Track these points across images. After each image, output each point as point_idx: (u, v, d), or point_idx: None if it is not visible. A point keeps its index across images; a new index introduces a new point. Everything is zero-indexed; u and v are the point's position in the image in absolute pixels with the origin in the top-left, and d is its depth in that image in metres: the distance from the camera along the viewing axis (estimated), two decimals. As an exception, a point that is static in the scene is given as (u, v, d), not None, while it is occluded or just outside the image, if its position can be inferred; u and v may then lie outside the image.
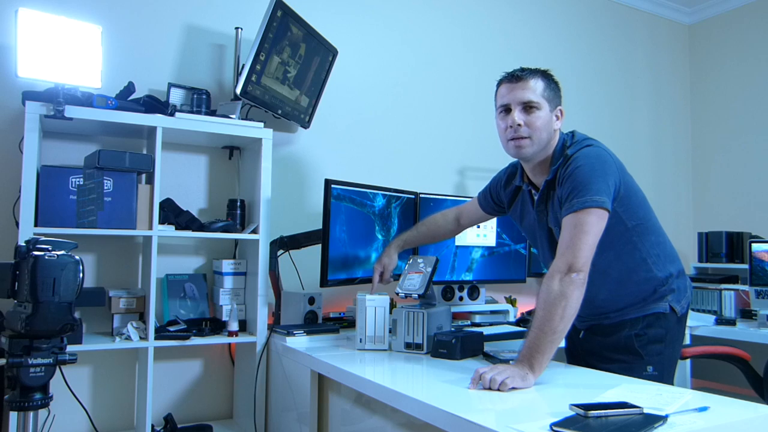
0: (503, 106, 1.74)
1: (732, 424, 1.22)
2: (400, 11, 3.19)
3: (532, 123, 1.69)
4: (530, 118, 1.69)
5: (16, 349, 1.28)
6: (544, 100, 1.70)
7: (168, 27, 2.56)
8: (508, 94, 1.73)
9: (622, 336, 1.76)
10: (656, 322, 1.75)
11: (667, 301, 1.76)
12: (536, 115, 1.69)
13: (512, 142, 1.72)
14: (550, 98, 1.72)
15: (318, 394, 2.02)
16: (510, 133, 1.71)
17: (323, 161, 2.90)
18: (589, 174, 1.60)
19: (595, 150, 1.68)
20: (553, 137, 1.74)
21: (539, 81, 1.71)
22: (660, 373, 1.73)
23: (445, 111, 3.31)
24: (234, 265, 2.47)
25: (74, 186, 2.07)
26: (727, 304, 3.42)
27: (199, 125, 2.28)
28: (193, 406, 2.52)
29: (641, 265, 1.73)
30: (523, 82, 1.70)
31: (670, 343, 1.77)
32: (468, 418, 1.21)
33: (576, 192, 1.58)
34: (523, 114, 1.70)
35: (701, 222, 4.20)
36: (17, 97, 2.14)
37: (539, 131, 1.69)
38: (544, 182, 1.74)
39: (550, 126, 1.72)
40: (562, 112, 1.77)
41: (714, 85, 4.25)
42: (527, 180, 1.85)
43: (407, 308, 1.96)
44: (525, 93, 1.69)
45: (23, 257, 1.27)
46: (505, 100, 1.73)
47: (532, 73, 1.72)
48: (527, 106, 1.70)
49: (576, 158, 1.65)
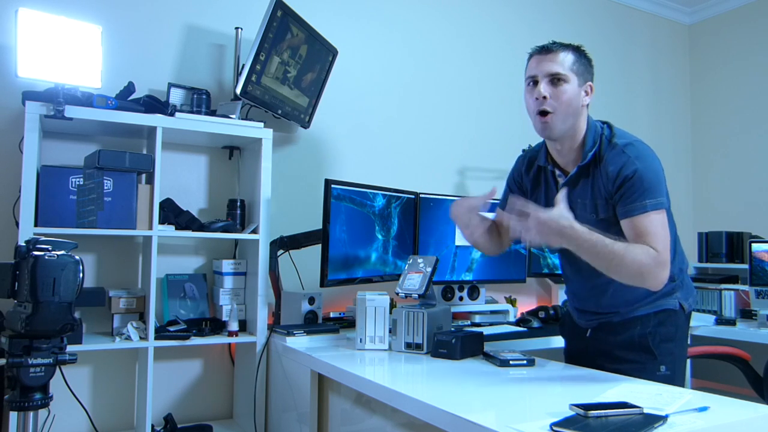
0: (531, 77, 1.69)
1: (732, 424, 1.22)
2: (400, 11, 3.18)
3: (559, 96, 1.64)
4: (557, 91, 1.64)
5: (16, 349, 1.28)
6: (572, 74, 1.65)
7: (168, 27, 2.56)
8: (536, 66, 1.67)
9: (634, 334, 1.72)
10: (667, 319, 1.73)
11: (676, 298, 1.75)
12: (563, 88, 1.64)
13: (539, 117, 1.66)
14: (580, 72, 1.67)
15: (318, 394, 2.02)
16: (536, 105, 1.66)
17: (323, 161, 2.89)
18: (655, 175, 1.62)
19: (647, 149, 1.67)
20: (581, 114, 1.69)
21: (569, 54, 1.67)
22: (672, 373, 1.70)
23: (445, 111, 3.31)
24: (234, 265, 2.47)
25: (74, 186, 2.07)
26: (727, 304, 3.42)
27: (199, 125, 2.28)
28: (193, 406, 2.52)
29: None
30: (552, 54, 1.65)
31: (680, 341, 1.76)
32: (468, 418, 1.21)
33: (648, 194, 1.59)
34: (550, 86, 1.65)
35: (701, 222, 4.20)
36: (17, 97, 2.14)
37: (565, 105, 1.64)
38: (578, 167, 1.69)
39: (578, 101, 1.67)
40: (592, 88, 1.71)
41: (714, 85, 4.24)
42: (551, 161, 1.79)
43: (407, 308, 1.96)
44: (553, 65, 1.64)
45: (23, 257, 1.27)
46: (532, 72, 1.68)
47: (563, 46, 1.68)
48: (554, 78, 1.64)
49: (638, 157, 1.62)
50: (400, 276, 2.08)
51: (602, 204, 1.67)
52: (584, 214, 1.70)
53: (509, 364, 1.72)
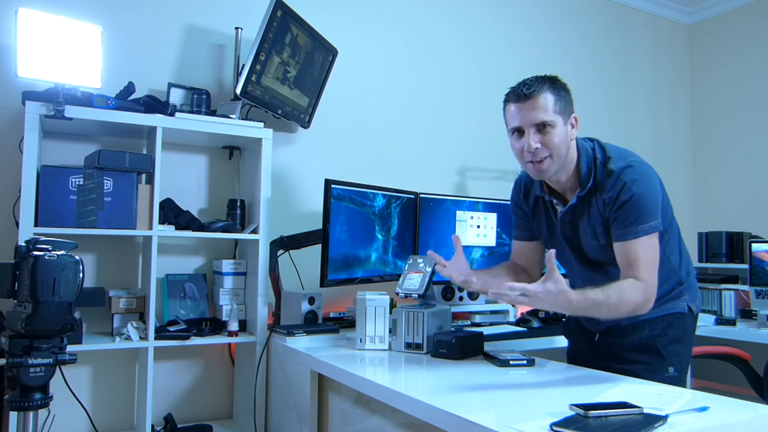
0: (515, 129, 1.64)
1: (732, 424, 1.22)
2: (399, 11, 3.18)
3: (549, 142, 1.60)
4: (546, 138, 1.60)
5: (16, 349, 1.28)
6: (557, 116, 1.61)
7: (168, 27, 2.56)
8: (518, 115, 1.62)
9: (643, 336, 1.72)
10: (676, 322, 1.74)
11: (685, 301, 1.76)
12: (552, 133, 1.60)
13: (531, 165, 1.64)
14: (563, 110, 1.63)
15: (318, 394, 2.02)
16: (528, 156, 1.63)
17: (323, 161, 2.89)
18: (649, 198, 1.60)
19: (644, 168, 1.65)
20: (571, 147, 1.67)
21: (548, 94, 1.60)
22: (680, 374, 1.72)
23: (445, 111, 3.31)
24: (234, 265, 2.47)
25: (74, 186, 2.07)
26: (727, 304, 3.41)
27: (199, 125, 2.28)
28: (193, 406, 2.52)
29: (664, 263, 1.68)
30: (532, 101, 1.59)
31: (687, 343, 1.77)
32: (468, 418, 1.21)
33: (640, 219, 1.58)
34: (538, 135, 1.60)
35: (701, 222, 4.19)
36: (17, 97, 2.14)
37: (558, 148, 1.61)
38: (576, 197, 1.68)
39: (567, 139, 1.64)
40: (577, 120, 1.68)
41: (714, 85, 4.24)
42: (547, 190, 1.78)
43: (407, 308, 1.96)
44: (536, 114, 1.59)
45: (23, 257, 1.27)
46: (516, 122, 1.63)
47: (539, 86, 1.61)
48: (540, 126, 1.60)
49: (634, 181, 1.60)
50: (400, 276, 2.08)
51: (601, 230, 1.67)
52: (587, 240, 1.71)
53: (509, 364, 1.72)
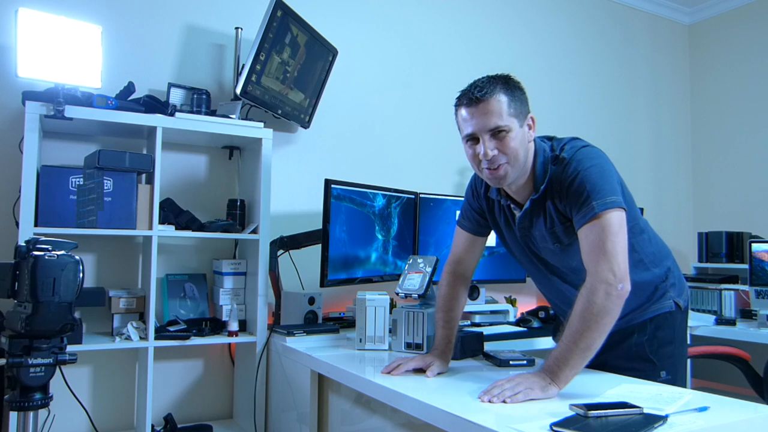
0: (469, 136, 1.54)
1: (732, 424, 1.22)
2: (399, 11, 3.18)
3: (506, 147, 1.50)
4: (502, 144, 1.50)
5: (16, 349, 1.28)
6: (512, 119, 1.50)
7: (168, 27, 2.56)
8: (471, 120, 1.52)
9: (631, 344, 1.68)
10: (664, 323, 1.70)
11: (670, 298, 1.72)
12: (508, 138, 1.50)
13: (488, 172, 1.54)
14: (518, 112, 1.51)
15: (318, 394, 2.02)
16: (484, 164, 1.53)
17: (323, 161, 2.89)
18: (600, 174, 1.49)
19: (594, 150, 1.57)
20: (529, 149, 1.57)
21: (501, 96, 1.49)
22: (673, 376, 1.68)
23: (445, 111, 3.28)
24: (234, 265, 2.47)
25: (74, 186, 2.07)
26: (727, 304, 3.42)
27: (199, 125, 2.28)
28: (193, 406, 2.52)
29: (638, 266, 1.63)
30: (484, 105, 1.49)
31: (679, 342, 1.74)
32: (468, 418, 1.21)
33: (594, 194, 1.46)
34: (493, 141, 1.50)
35: (701, 222, 4.20)
36: (17, 97, 2.14)
37: (515, 152, 1.51)
38: (530, 201, 1.59)
39: (525, 141, 1.54)
40: (534, 120, 1.57)
41: (714, 85, 4.24)
42: (504, 194, 1.68)
43: (407, 308, 1.96)
44: (489, 119, 1.49)
45: (23, 257, 1.27)
46: (469, 128, 1.53)
47: (491, 88, 1.50)
48: (495, 131, 1.50)
49: (580, 161, 1.51)
50: (400, 276, 2.08)
51: (561, 229, 1.57)
52: (546, 246, 1.63)
53: (509, 364, 1.72)
